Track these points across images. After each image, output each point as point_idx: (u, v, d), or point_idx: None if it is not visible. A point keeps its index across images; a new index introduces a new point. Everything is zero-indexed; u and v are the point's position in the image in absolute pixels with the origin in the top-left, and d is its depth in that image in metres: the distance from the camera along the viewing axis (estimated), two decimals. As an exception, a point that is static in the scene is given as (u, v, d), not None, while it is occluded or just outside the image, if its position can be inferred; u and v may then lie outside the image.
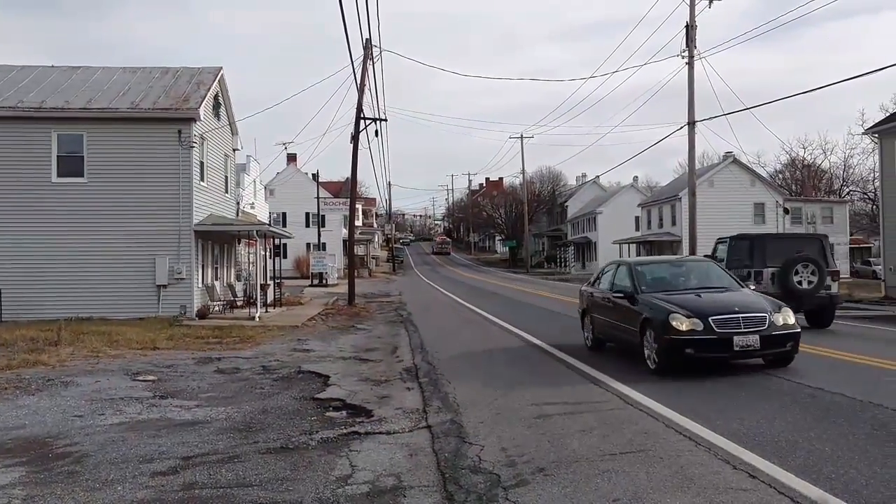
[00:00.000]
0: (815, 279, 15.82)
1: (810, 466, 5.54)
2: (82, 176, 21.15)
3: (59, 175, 21.11)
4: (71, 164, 21.16)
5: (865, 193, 70.80)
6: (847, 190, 73.39)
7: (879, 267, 34.26)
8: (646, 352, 10.13)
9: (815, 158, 76.88)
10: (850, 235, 56.75)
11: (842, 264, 52.35)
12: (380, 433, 6.96)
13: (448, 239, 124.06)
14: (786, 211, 50.26)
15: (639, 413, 7.50)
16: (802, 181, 75.14)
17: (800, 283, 15.83)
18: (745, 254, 16.96)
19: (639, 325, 10.30)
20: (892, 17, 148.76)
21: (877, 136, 30.50)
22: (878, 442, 6.28)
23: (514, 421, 7.24)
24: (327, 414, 8.00)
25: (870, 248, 62.67)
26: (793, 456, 5.83)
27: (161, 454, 6.30)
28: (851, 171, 74.84)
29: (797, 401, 8.04)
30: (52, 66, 24.54)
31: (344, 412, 8.09)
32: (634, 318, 10.51)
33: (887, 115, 38.59)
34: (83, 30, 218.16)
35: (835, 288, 16.53)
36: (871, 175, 64.15)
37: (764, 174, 62.92)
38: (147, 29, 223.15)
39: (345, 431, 7.04)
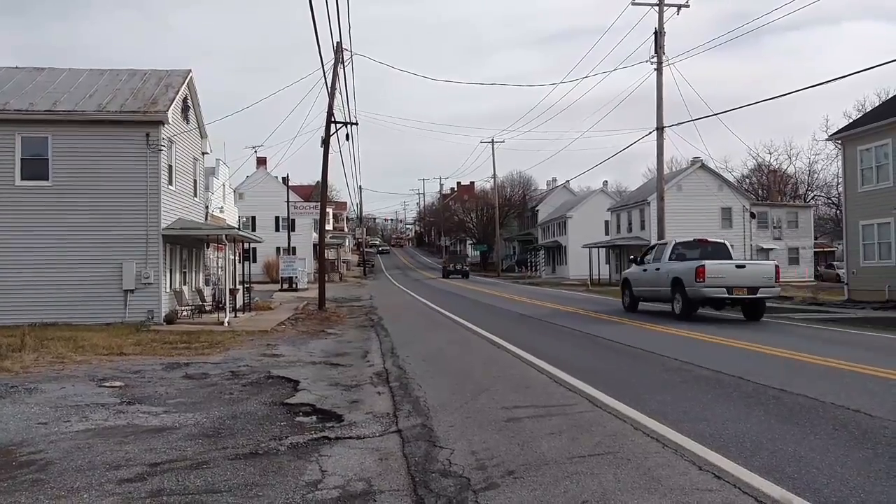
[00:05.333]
0: None
1: (774, 466, 5.65)
2: (47, 179, 20.80)
3: (22, 178, 20.74)
4: (35, 168, 20.80)
5: (829, 198, 72.32)
6: (812, 195, 74.94)
7: (843, 270, 34.96)
8: None
9: (780, 164, 78.46)
10: (815, 239, 57.84)
11: (806, 268, 53.42)
12: (350, 438, 6.95)
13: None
14: (752, 216, 51.08)
15: (607, 415, 7.57)
16: (768, 186, 76.50)
17: None
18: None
19: None
20: (852, 28, 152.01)
21: (840, 142, 31.18)
22: (838, 442, 6.42)
23: (485, 424, 7.27)
24: (297, 419, 7.96)
25: (833, 252, 63.91)
26: (757, 456, 5.94)
27: (128, 461, 6.23)
28: (816, 176, 76.50)
29: (761, 402, 8.18)
30: (17, 67, 24.13)
31: (314, 417, 8.06)
32: None
33: (850, 121, 39.41)
34: (48, 31, 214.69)
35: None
36: (835, 180, 65.65)
37: (731, 179, 63.93)
38: (114, 31, 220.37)
39: (315, 436, 7.02)
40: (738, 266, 19.68)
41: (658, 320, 19.30)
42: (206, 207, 30.07)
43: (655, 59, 30.63)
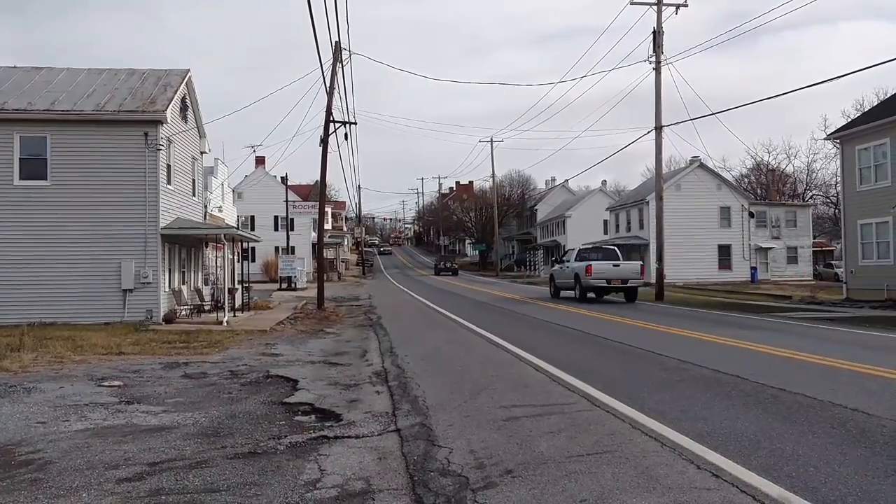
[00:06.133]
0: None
1: (772, 465, 5.66)
2: (45, 179, 20.80)
3: (21, 178, 20.75)
4: (34, 167, 20.81)
5: (828, 197, 72.34)
6: (810, 194, 74.93)
7: (841, 269, 35.00)
8: None
9: (779, 163, 78.43)
10: (814, 239, 57.86)
11: (805, 267, 53.44)
12: (349, 437, 6.96)
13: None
14: (751, 215, 51.10)
15: (606, 414, 7.58)
16: (767, 185, 76.52)
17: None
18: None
19: None
20: (849, 27, 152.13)
21: (838, 141, 31.18)
22: (836, 441, 6.43)
23: (483, 423, 7.28)
24: (296, 418, 7.97)
25: (832, 251, 63.95)
26: (755, 455, 5.95)
27: (127, 460, 6.23)
28: (814, 175, 76.50)
29: (760, 401, 8.20)
30: (15, 67, 24.11)
31: (313, 416, 8.06)
32: None
33: (849, 120, 39.44)
34: (46, 31, 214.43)
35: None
36: (834, 179, 65.63)
37: (730, 178, 63.92)
38: (112, 31, 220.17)
39: (314, 436, 7.02)
40: (614, 265, 27.76)
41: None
42: (205, 207, 30.05)
43: (654, 59, 30.64)
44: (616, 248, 31.19)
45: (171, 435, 7.17)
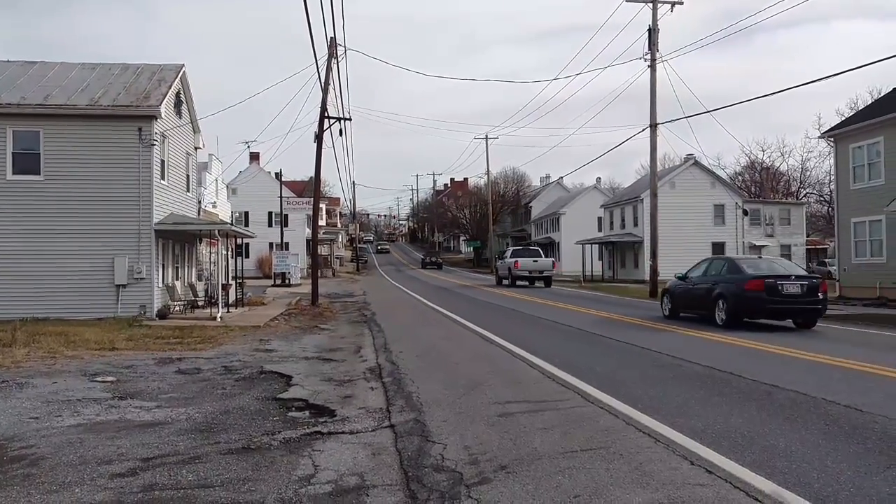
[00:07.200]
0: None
1: (765, 461, 5.68)
2: (39, 174, 20.71)
3: (14, 172, 20.65)
4: (27, 162, 20.71)
5: (822, 196, 72.56)
6: (804, 192, 75.13)
7: (834, 268, 35.09)
8: None
9: (773, 161, 78.63)
10: (807, 237, 58.02)
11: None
12: (343, 433, 6.95)
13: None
14: (745, 212, 51.24)
15: (599, 410, 7.59)
16: (761, 183, 76.72)
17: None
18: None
19: None
20: (842, 27, 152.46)
21: (832, 139, 31.27)
22: (829, 437, 6.46)
23: (477, 419, 7.28)
24: (290, 414, 7.95)
25: (826, 249, 64.15)
26: (748, 451, 5.97)
27: (120, 456, 6.21)
28: (808, 173, 76.74)
29: (753, 398, 8.22)
30: (8, 61, 24.00)
31: (307, 412, 8.05)
32: None
33: (843, 119, 39.56)
34: (39, 25, 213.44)
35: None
36: (828, 178, 65.81)
37: (724, 176, 64.12)
38: (105, 26, 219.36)
39: (307, 431, 7.01)
40: (534, 260, 39.18)
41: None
42: (199, 202, 29.97)
43: (649, 56, 30.67)
44: (539, 249, 43.89)
45: (165, 430, 7.15)
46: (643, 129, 31.93)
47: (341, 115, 30.01)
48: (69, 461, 6.06)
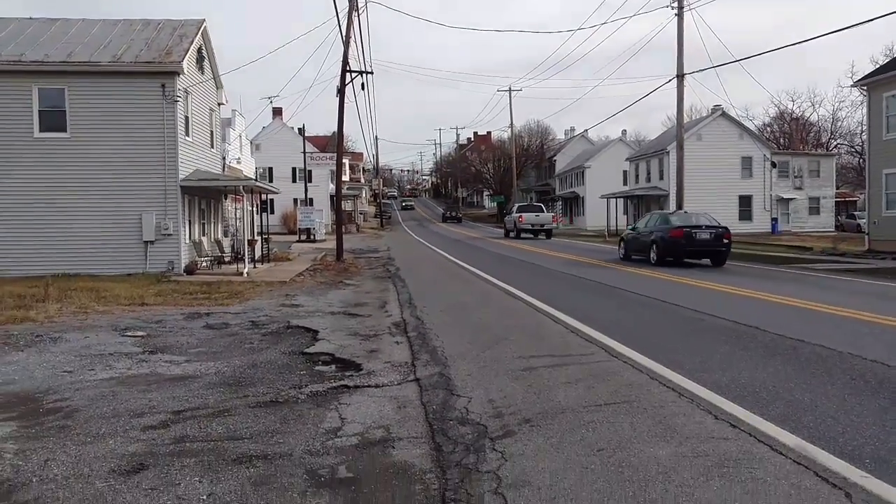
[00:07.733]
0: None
1: (790, 416, 5.67)
2: (65, 131, 20.87)
3: (41, 130, 20.83)
4: (53, 119, 20.86)
5: (853, 147, 71.02)
6: (834, 143, 73.57)
7: (864, 220, 34.54)
8: None
9: (803, 112, 76.91)
10: (837, 189, 57.00)
11: (827, 218, 52.78)
12: (369, 386, 7.05)
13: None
14: (773, 164, 50.35)
15: (623, 365, 7.61)
16: (790, 134, 75.20)
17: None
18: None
19: None
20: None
21: (865, 88, 30.46)
22: (854, 392, 6.43)
23: (501, 373, 7.34)
24: (316, 368, 8.07)
25: (855, 201, 63.05)
26: (773, 406, 5.96)
27: (151, 408, 6.36)
28: (839, 124, 74.98)
29: (778, 352, 8.19)
30: (31, 18, 24.00)
31: (333, 366, 8.16)
32: None
33: (877, 66, 38.46)
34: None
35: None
36: (859, 128, 64.34)
37: (752, 128, 62.83)
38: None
39: (334, 385, 7.12)
40: (536, 215, 44.89)
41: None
42: (223, 158, 30.08)
43: (676, 4, 29.91)
44: (542, 205, 52.08)
45: (195, 384, 7.29)
46: (670, 80, 31.33)
47: (363, 69, 29.78)
48: (102, 413, 6.21)
